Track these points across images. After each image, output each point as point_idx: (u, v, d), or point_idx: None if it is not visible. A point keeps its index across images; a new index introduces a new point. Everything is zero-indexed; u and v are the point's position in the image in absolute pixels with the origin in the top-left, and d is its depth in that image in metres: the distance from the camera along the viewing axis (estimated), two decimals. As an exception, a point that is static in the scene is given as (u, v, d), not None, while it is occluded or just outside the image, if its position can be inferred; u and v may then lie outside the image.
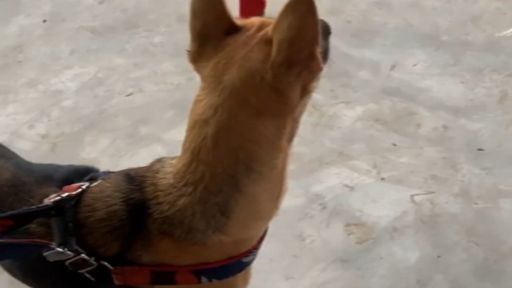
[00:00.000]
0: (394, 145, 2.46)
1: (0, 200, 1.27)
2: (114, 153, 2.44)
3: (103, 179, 1.25)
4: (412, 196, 2.28)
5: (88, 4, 3.20)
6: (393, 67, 2.75)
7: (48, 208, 1.17)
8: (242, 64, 1.07)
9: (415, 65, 2.76)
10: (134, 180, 1.21)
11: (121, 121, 2.57)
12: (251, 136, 1.09)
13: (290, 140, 1.16)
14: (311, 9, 1.00)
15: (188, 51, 1.15)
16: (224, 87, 1.08)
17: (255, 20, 1.15)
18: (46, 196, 1.21)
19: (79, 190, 1.21)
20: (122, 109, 2.62)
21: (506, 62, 2.76)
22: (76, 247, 1.16)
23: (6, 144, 2.48)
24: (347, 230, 2.19)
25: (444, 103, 2.60)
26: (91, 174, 1.29)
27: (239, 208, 1.14)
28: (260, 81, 1.06)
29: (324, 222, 2.21)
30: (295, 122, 1.15)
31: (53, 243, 1.15)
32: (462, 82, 2.68)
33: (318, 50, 1.05)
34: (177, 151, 1.14)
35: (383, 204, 2.27)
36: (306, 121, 2.53)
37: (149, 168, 1.23)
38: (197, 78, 1.16)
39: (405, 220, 2.21)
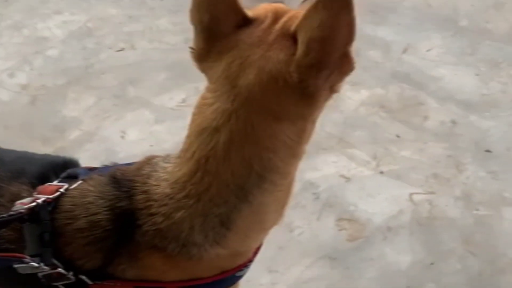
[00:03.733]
0: (398, 136, 2.31)
1: None
2: (97, 114, 2.28)
3: (83, 180, 1.11)
4: (411, 194, 2.15)
5: None
6: (405, 50, 2.58)
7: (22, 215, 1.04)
8: (261, 66, 0.94)
9: (429, 50, 2.59)
10: (121, 184, 1.07)
11: (109, 79, 2.39)
12: (268, 144, 0.98)
13: (307, 143, 1.04)
14: (348, 5, 0.88)
15: (192, 48, 1.01)
16: (238, 92, 0.95)
17: (267, 8, 1.01)
18: (17, 195, 1.10)
19: (57, 193, 1.07)
20: (110, 65, 2.44)
21: (527, 57, 2.60)
22: (54, 260, 1.05)
23: (-18, 92, 2.33)
24: (338, 225, 2.06)
25: (455, 95, 2.45)
26: (69, 171, 1.15)
27: (242, 218, 1.03)
28: (283, 85, 0.94)
29: (316, 214, 2.08)
30: (314, 123, 1.03)
31: (27, 256, 1.03)
32: (477, 74, 2.52)
33: (352, 50, 0.93)
34: (166, 119, 0.97)
35: (380, 200, 2.14)
36: (307, 100, 2.37)
37: (138, 170, 1.09)
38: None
39: (401, 220, 2.09)
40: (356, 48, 2.66)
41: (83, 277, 1.06)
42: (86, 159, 1.43)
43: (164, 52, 2.45)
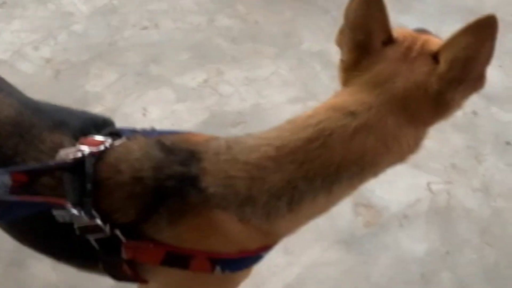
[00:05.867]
0: (418, 125, 2.30)
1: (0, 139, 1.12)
2: (120, 90, 2.28)
3: (128, 138, 1.11)
4: (429, 183, 2.15)
5: None
6: (428, 39, 2.56)
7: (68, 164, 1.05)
8: (408, 76, 1.05)
9: (452, 40, 2.57)
10: (173, 150, 1.07)
11: (132, 57, 2.39)
12: (389, 143, 1.04)
13: (414, 153, 1.11)
14: (493, 33, 1.00)
15: (342, 60, 1.11)
16: (384, 90, 1.05)
17: (403, 32, 1.13)
18: (59, 144, 1.10)
19: (102, 147, 1.08)
20: (134, 43, 2.44)
21: (550, 50, 2.58)
22: (93, 212, 1.05)
23: (8, 64, 2.34)
24: (355, 211, 2.06)
25: (477, 86, 2.43)
26: (110, 128, 1.16)
27: (308, 205, 1.05)
28: (423, 93, 1.05)
29: (333, 199, 2.08)
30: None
31: (68, 203, 1.03)
32: (500, 66, 2.50)
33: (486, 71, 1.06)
34: (187, 98, 0.93)
35: (397, 188, 2.13)
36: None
37: (204, 142, 1.09)
38: (218, 22, 0.99)
39: (418, 208, 2.09)
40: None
41: (118, 233, 1.06)
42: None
43: (187, 32, 2.44)
